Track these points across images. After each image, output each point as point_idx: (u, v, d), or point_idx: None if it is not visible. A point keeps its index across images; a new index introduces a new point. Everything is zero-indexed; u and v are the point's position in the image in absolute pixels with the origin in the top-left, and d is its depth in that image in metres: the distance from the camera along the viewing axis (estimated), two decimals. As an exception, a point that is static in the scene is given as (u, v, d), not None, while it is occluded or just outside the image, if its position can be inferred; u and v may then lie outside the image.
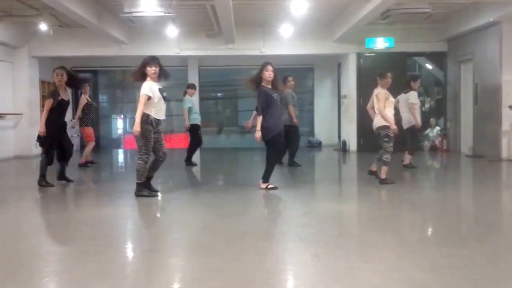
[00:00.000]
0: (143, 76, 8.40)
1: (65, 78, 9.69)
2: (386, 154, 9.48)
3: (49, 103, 9.52)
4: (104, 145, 20.34)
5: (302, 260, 5.06)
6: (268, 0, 13.14)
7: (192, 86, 13.87)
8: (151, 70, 8.35)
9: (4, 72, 15.45)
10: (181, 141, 18.94)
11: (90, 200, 8.99)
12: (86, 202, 8.91)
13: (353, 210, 7.87)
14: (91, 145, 13.42)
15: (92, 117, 13.48)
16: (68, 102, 9.98)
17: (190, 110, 13.28)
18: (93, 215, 7.23)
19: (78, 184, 10.38)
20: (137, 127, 8.06)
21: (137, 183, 8.38)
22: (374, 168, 9.98)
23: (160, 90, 8.40)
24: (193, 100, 13.65)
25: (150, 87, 8.25)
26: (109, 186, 10.50)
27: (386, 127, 9.52)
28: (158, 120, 8.43)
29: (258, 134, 8.84)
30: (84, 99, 13.32)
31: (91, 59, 18.51)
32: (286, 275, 4.70)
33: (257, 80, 9.11)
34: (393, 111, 9.92)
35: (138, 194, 8.33)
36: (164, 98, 8.50)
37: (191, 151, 13.57)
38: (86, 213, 7.54)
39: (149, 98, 8.18)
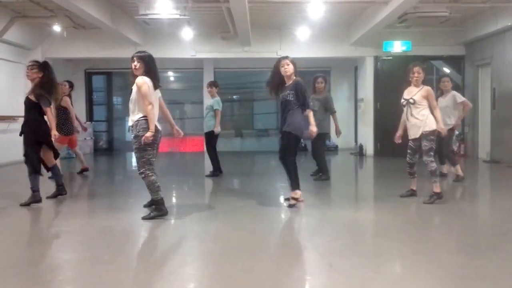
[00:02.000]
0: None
1: (34, 72, 8.46)
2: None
3: None
4: (117, 148, 20.38)
5: (317, 269, 5.04)
6: (285, 3, 13.09)
7: (217, 84, 12.28)
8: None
9: (17, 73, 15.51)
10: (197, 144, 19.01)
11: (101, 209, 8.93)
12: (98, 210, 8.90)
13: (369, 218, 7.83)
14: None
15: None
16: (27, 100, 8.42)
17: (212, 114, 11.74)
18: (105, 223, 7.21)
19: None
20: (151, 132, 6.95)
21: (156, 201, 7.23)
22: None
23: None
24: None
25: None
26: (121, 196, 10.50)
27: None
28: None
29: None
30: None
31: (105, 61, 18.62)
32: (300, 284, 4.67)
33: (276, 81, 8.27)
34: None
35: (156, 214, 7.19)
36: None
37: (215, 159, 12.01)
38: (98, 222, 7.51)
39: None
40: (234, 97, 23.81)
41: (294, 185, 8.06)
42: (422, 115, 8.27)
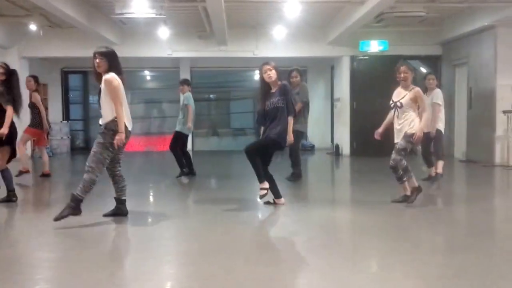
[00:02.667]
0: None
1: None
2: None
3: None
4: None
5: (296, 269, 5.10)
6: (261, 2, 13.12)
7: (189, 82, 12.16)
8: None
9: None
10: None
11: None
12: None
13: (346, 218, 7.88)
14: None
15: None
16: None
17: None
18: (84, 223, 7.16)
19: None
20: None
21: (77, 199, 6.77)
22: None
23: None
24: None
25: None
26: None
27: None
28: None
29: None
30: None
31: (81, 60, 18.41)
32: (278, 284, 4.71)
33: (264, 87, 8.06)
34: None
35: (70, 212, 6.71)
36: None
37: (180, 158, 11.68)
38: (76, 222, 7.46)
39: None
40: (211, 96, 23.81)
41: (261, 177, 7.98)
42: (408, 119, 8.18)
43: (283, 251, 5.81)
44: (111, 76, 6.74)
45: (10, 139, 8.29)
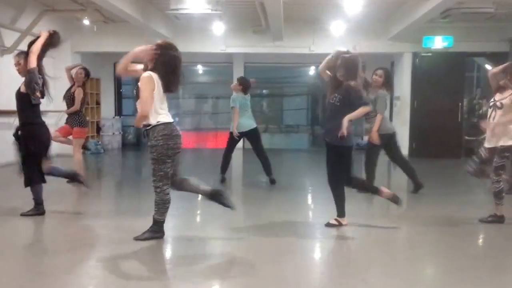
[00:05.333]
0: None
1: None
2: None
3: None
4: (146, 141, 20.31)
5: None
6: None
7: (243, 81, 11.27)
8: None
9: (45, 68, 15.52)
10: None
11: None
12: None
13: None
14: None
15: None
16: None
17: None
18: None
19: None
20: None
21: (157, 221, 6.38)
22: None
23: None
24: (238, 97, 10.98)
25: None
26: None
27: None
28: None
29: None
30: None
31: (134, 55, 18.52)
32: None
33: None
34: None
35: (152, 236, 6.34)
36: None
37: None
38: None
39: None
40: (264, 91, 23.75)
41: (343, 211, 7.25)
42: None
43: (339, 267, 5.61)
44: (148, 74, 6.09)
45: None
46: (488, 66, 17.80)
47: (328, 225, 7.15)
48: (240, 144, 11.62)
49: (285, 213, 8.14)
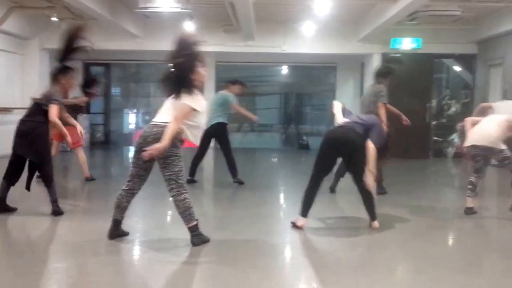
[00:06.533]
0: None
1: None
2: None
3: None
4: (114, 141, 20.39)
5: None
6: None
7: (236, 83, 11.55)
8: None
9: (13, 64, 15.57)
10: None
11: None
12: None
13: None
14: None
15: None
16: None
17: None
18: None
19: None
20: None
21: (192, 227, 6.17)
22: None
23: None
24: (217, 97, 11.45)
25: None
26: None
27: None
28: None
29: None
30: None
31: (104, 52, 18.48)
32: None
33: None
34: None
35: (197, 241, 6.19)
36: None
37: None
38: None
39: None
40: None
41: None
42: None
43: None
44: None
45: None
46: (456, 68, 18.21)
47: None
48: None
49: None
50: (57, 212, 7.62)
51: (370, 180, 6.93)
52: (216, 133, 10.84)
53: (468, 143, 8.10)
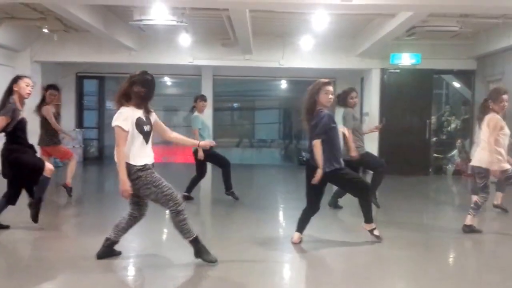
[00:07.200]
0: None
1: None
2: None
3: None
4: (109, 156, 20.20)
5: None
6: (287, 13, 12.92)
7: (202, 98, 11.51)
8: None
9: (4, 76, 15.36)
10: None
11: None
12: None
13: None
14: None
15: None
16: None
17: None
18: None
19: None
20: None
21: (193, 241, 6.16)
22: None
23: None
24: (202, 118, 11.42)
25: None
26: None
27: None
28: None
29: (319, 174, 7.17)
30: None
31: (98, 65, 18.39)
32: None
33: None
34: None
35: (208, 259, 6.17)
36: None
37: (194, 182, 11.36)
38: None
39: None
40: (234, 105, 23.72)
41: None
42: None
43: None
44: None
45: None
46: (455, 84, 18.11)
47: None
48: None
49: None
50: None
51: (318, 175, 7.16)
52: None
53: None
